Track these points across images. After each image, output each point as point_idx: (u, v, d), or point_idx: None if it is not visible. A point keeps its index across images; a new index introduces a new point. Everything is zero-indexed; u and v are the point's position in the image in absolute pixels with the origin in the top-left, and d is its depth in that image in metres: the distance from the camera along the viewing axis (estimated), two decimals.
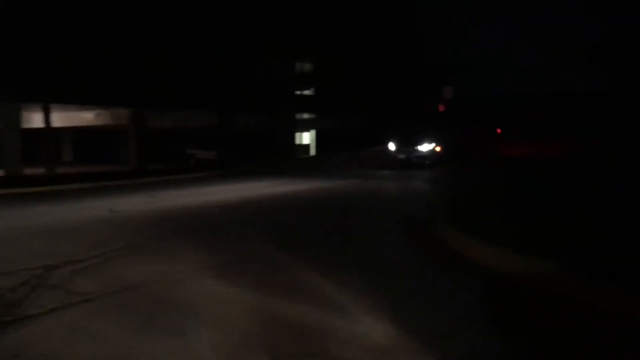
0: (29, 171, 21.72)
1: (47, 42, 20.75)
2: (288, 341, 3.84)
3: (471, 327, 4.12)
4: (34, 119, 25.38)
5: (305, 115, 35.98)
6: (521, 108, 22.28)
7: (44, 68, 20.50)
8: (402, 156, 22.35)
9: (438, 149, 21.89)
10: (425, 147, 22.15)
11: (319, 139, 37.87)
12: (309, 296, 4.86)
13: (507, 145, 24.06)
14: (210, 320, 4.25)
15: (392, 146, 23.00)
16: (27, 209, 11.54)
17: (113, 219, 9.85)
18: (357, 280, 5.32)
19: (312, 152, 37.82)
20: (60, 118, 27.11)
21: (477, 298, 4.84)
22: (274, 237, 7.68)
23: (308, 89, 34.60)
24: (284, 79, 30.84)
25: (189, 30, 23.16)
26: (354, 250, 6.93)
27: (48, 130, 22.81)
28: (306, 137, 38.22)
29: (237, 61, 26.55)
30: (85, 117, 29.22)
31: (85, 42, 21.42)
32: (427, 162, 21.55)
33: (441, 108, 24.13)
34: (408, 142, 22.44)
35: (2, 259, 6.32)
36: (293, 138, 35.55)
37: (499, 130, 21.88)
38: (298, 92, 34.01)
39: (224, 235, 8.00)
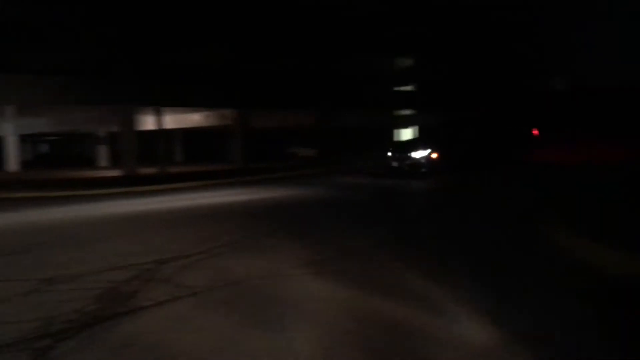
0: (143, 171, 23.13)
1: (159, 47, 22.06)
2: (385, 340, 3.82)
3: (584, 331, 3.88)
4: (147, 122, 27.00)
5: (406, 112, 35.59)
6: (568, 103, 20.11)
7: (156, 73, 21.80)
8: (395, 164, 19.22)
9: (434, 155, 18.30)
10: (419, 154, 18.60)
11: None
12: (407, 295, 4.80)
13: (548, 149, 21.03)
14: (308, 317, 4.32)
15: (389, 153, 19.91)
16: (140, 206, 12.30)
17: (217, 214, 10.28)
18: (459, 280, 5.19)
19: None
20: (172, 120, 28.68)
21: (590, 300, 4.55)
22: (372, 233, 7.67)
23: (408, 84, 34.18)
24: (384, 75, 30.66)
25: (292, 31, 23.63)
26: (457, 250, 6.75)
27: (160, 132, 24.19)
28: (407, 134, 37.82)
29: (340, 59, 26.74)
30: (194, 119, 30.66)
31: (193, 46, 22.53)
32: (423, 170, 18.27)
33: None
34: (402, 148, 19.51)
35: (121, 253, 6.77)
36: (392, 135, 35.31)
37: (535, 132, 19.27)
38: (398, 88, 33.71)
39: (324, 231, 8.08)
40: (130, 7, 20.43)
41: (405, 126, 36.43)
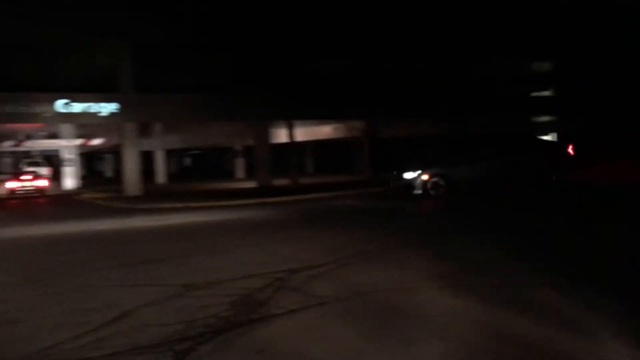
0: (277, 182, 24.01)
1: (289, 63, 22.91)
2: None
3: None
4: (281, 135, 28.06)
5: (545, 118, 33.70)
6: None
7: (287, 88, 22.64)
8: (391, 184, 16.98)
9: (425, 177, 15.04)
10: (409, 175, 15.54)
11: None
12: (541, 312, 4.51)
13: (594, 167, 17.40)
14: (437, 332, 4.19)
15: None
16: (272, 216, 12.76)
17: (344, 224, 10.38)
18: (601, 298, 4.77)
19: None
20: (303, 133, 29.54)
21: None
22: (504, 246, 7.30)
23: (547, 89, 32.37)
24: (519, 80, 29.32)
25: (423, 37, 23.43)
26: (600, 266, 6.23)
27: (292, 144, 25.02)
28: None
29: (470, 65, 26.06)
30: (324, 131, 31.38)
31: (321, 59, 23.15)
32: (415, 192, 15.11)
33: None
34: (402, 166, 16.44)
35: (254, 262, 7.07)
36: None
37: (570, 148, 15.44)
38: (536, 94, 32.05)
39: (452, 244, 7.85)
40: (261, 29, 21.49)
41: (545, 133, 34.46)
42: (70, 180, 31.96)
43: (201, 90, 22.41)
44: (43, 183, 27.36)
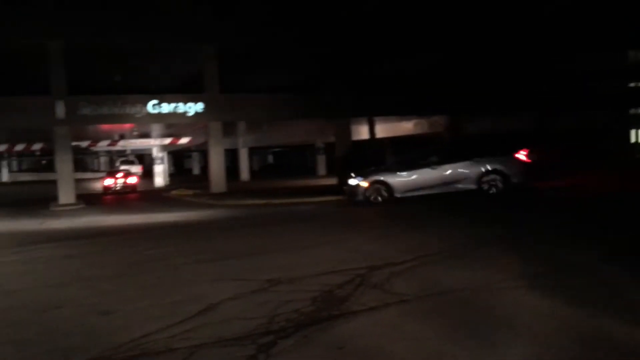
0: None
1: (369, 59, 22.82)
2: None
3: None
4: (361, 132, 28.00)
5: None
6: None
7: (367, 84, 22.57)
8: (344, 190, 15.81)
9: (365, 184, 13.98)
10: (352, 181, 14.71)
11: None
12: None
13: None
14: (523, 333, 4.06)
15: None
16: (349, 214, 12.77)
17: (419, 222, 10.23)
18: None
19: None
20: (383, 129, 29.34)
21: None
22: (600, 245, 6.93)
23: None
24: (613, 71, 27.62)
25: (508, 30, 22.65)
26: None
27: (373, 141, 24.92)
28: None
29: (564, 55, 24.84)
30: (404, 127, 30.98)
31: (402, 55, 22.88)
32: (357, 199, 14.24)
33: None
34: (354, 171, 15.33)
35: (338, 259, 7.10)
36: (627, 136, 31.47)
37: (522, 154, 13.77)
38: (634, 84, 30.05)
39: (539, 244, 7.54)
40: (342, 26, 21.53)
41: None
42: (159, 178, 33.49)
43: (283, 89, 22.78)
44: (133, 180, 29.61)
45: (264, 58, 22.32)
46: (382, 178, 14.20)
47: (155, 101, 20.61)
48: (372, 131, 24.76)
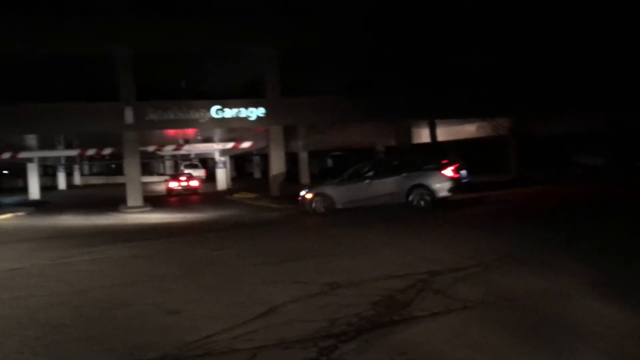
0: None
1: (428, 60, 22.48)
2: None
3: None
4: (422, 135, 27.66)
5: None
6: None
7: (428, 84, 22.24)
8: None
9: (309, 196, 15.32)
10: (302, 192, 15.93)
11: None
12: None
13: None
14: (593, 343, 3.89)
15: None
16: (413, 217, 12.61)
17: (487, 226, 9.98)
18: None
19: None
20: (445, 132, 28.86)
21: None
22: None
23: None
24: None
25: (571, 29, 21.87)
26: None
27: (434, 144, 24.56)
28: None
29: (631, 51, 23.64)
30: (467, 130, 30.39)
31: (465, 55, 22.42)
32: (306, 209, 15.16)
33: None
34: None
35: (399, 262, 7.04)
36: None
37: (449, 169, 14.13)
38: None
39: (613, 253, 7.21)
40: (400, 27, 21.34)
41: None
42: (222, 181, 34.26)
43: (342, 90, 22.75)
44: (195, 183, 31.65)
45: (324, 59, 22.36)
46: (323, 191, 15.39)
47: (218, 106, 21.06)
48: (433, 134, 24.41)
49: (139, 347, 4.39)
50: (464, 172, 15.78)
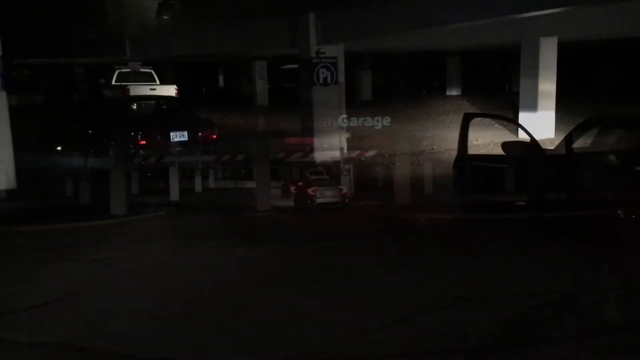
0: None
1: None
2: None
3: None
4: None
5: None
6: None
7: None
8: None
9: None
10: None
11: None
12: None
13: None
14: None
15: None
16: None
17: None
18: None
19: None
20: None
21: None
22: None
23: None
24: None
25: None
26: None
27: None
28: None
29: None
30: None
31: None
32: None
33: None
34: None
35: (537, 278, 6.54)
36: None
37: None
38: None
39: None
40: None
41: None
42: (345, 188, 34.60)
43: None
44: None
45: None
46: None
47: (344, 115, 21.22)
48: None
49: (266, 346, 4.55)
50: None
